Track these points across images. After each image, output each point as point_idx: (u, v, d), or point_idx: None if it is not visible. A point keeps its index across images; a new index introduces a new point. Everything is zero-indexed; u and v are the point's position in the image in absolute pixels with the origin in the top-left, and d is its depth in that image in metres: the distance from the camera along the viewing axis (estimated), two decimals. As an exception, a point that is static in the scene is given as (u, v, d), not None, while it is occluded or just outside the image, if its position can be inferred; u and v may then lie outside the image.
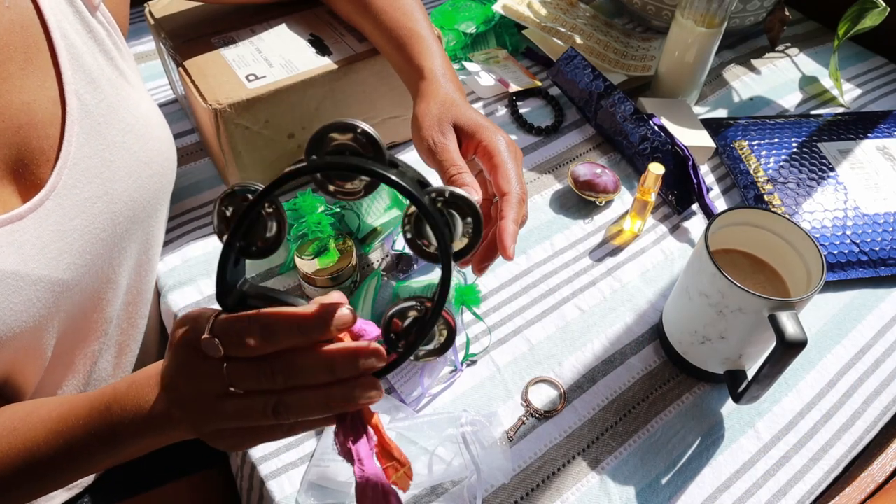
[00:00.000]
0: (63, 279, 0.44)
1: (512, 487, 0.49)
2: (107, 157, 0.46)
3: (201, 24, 0.64)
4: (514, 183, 0.47)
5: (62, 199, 0.43)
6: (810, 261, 0.49)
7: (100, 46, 0.47)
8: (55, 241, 0.43)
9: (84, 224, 0.45)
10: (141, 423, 0.37)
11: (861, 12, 0.78)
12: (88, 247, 0.45)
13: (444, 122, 0.50)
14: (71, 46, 0.44)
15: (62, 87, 0.44)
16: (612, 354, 0.57)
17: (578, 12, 0.90)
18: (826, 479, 0.51)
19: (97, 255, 0.47)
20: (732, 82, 0.86)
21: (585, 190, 0.68)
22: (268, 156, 0.63)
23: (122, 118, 0.48)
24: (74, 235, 0.44)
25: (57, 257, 0.43)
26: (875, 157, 0.71)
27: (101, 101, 0.46)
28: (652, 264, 0.64)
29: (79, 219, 0.44)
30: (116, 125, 0.47)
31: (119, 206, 0.47)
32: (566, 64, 0.77)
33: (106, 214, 0.46)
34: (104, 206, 0.46)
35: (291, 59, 0.61)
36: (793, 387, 0.56)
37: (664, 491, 0.50)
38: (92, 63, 0.46)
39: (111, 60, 0.48)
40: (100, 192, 0.46)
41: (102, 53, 0.47)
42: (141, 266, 0.54)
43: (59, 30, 0.44)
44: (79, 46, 0.45)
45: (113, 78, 0.48)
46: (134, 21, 0.89)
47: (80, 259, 0.45)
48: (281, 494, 0.48)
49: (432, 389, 0.54)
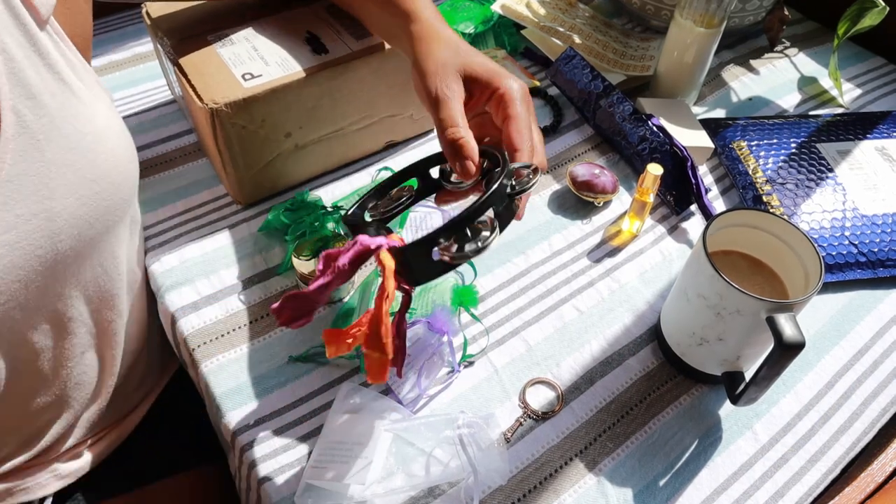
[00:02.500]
0: None
1: (509, 489, 0.49)
2: (45, 174, 0.44)
3: (198, 23, 0.64)
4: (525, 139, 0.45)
5: None
6: (808, 262, 0.49)
7: (44, 60, 0.45)
8: None
9: (14, 239, 0.43)
10: None
11: (860, 12, 0.78)
12: (21, 262, 0.44)
13: (449, 68, 0.47)
14: (10, 60, 0.42)
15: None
16: (610, 356, 0.57)
17: (577, 12, 0.90)
18: (824, 480, 0.51)
19: (34, 272, 0.45)
20: (731, 82, 0.86)
21: (584, 191, 0.68)
22: (265, 155, 0.63)
23: (65, 134, 0.46)
24: (2, 251, 0.43)
25: None
26: (874, 158, 0.71)
27: (41, 116, 0.44)
28: (650, 265, 0.64)
29: (8, 234, 0.43)
30: (58, 141, 0.45)
31: (59, 223, 0.46)
32: (565, 64, 0.76)
33: (42, 232, 0.45)
34: (40, 223, 0.44)
35: (288, 58, 0.61)
36: (791, 388, 0.56)
37: (662, 492, 0.50)
38: (34, 77, 0.44)
39: (57, 75, 0.46)
40: (35, 210, 0.44)
41: (47, 68, 0.45)
42: (103, 279, 0.53)
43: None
44: (20, 61, 0.43)
45: (58, 92, 0.46)
46: (132, 22, 0.89)
47: (9, 274, 0.44)
48: (278, 496, 0.48)
49: (429, 391, 0.54)
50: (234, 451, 0.52)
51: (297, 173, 0.67)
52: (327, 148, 0.67)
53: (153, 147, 0.72)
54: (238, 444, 0.51)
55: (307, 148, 0.65)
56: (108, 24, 0.89)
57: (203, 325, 0.57)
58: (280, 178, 0.67)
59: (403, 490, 0.48)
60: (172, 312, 0.58)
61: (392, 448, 0.51)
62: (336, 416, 0.52)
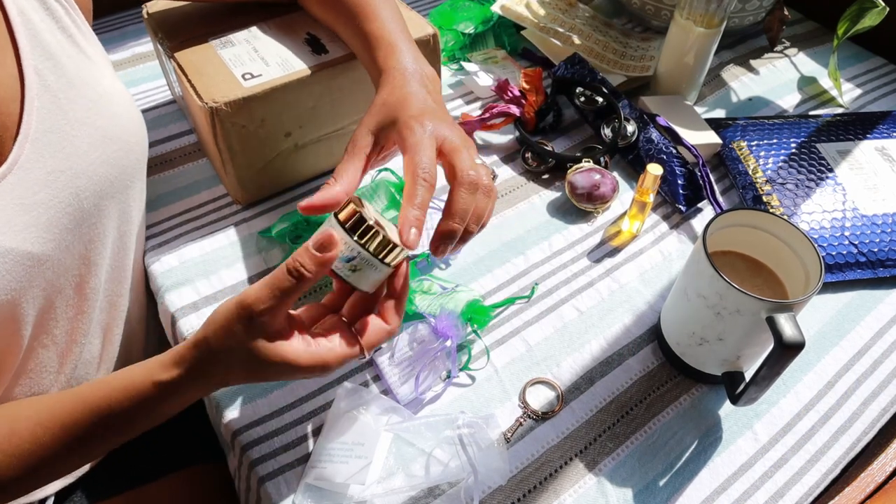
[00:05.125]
0: (33, 252, 0.44)
1: (509, 489, 0.49)
2: (68, 131, 0.46)
3: (198, 24, 0.64)
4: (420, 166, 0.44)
5: (25, 173, 0.43)
6: (808, 262, 0.49)
7: (58, 24, 0.47)
8: (20, 214, 0.43)
9: (48, 198, 0.45)
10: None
11: (860, 12, 0.78)
12: (55, 220, 0.45)
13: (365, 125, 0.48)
14: (28, 22, 0.44)
15: (20, 64, 0.44)
16: (610, 356, 0.57)
17: (577, 12, 0.90)
18: (824, 480, 0.51)
19: (65, 230, 0.47)
20: (731, 82, 0.86)
21: (584, 202, 0.67)
22: (264, 155, 0.63)
23: (83, 94, 0.48)
24: (40, 209, 0.44)
25: (23, 230, 0.43)
26: (874, 158, 0.71)
27: (60, 76, 0.46)
28: (650, 265, 0.64)
29: (42, 192, 0.44)
30: (78, 101, 0.47)
31: (83, 180, 0.47)
32: (567, 68, 0.77)
33: (70, 189, 0.46)
34: (67, 181, 0.46)
35: (288, 58, 0.61)
36: (791, 388, 0.56)
37: (662, 492, 0.50)
38: (50, 39, 0.46)
39: (70, 37, 0.48)
40: (62, 167, 0.46)
41: (61, 30, 0.47)
42: (118, 244, 0.55)
43: (14, 6, 0.44)
44: (36, 23, 0.45)
45: (73, 54, 0.48)
46: (133, 22, 0.89)
47: (47, 233, 0.45)
48: (278, 496, 0.48)
49: (429, 392, 0.54)
50: (234, 451, 0.52)
51: (297, 173, 0.67)
52: (327, 147, 0.67)
53: (153, 147, 0.71)
54: (238, 444, 0.51)
55: (307, 147, 0.65)
56: (108, 23, 0.89)
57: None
58: (280, 178, 0.67)
59: (403, 490, 0.48)
60: (172, 313, 0.58)
61: (392, 448, 0.51)
62: (336, 416, 0.52)
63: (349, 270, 0.42)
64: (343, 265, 0.42)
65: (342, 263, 0.42)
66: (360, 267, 0.42)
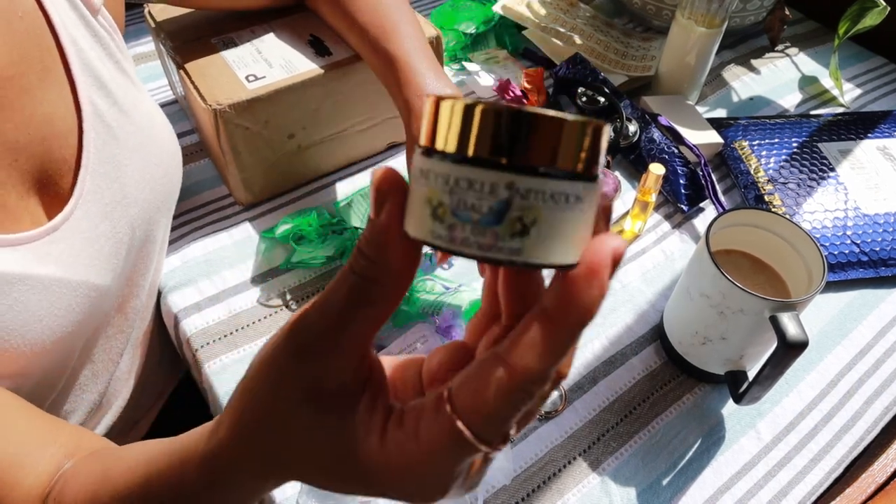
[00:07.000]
0: (98, 284, 0.45)
1: (513, 488, 0.49)
2: (121, 160, 0.46)
3: (201, 26, 0.64)
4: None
5: (88, 205, 0.44)
6: (811, 261, 0.49)
7: (105, 50, 0.47)
8: (86, 247, 0.43)
9: (108, 230, 0.45)
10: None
11: (861, 12, 0.78)
12: (115, 251, 0.46)
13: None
14: (80, 52, 0.44)
15: (76, 94, 0.44)
16: (613, 355, 0.57)
17: (578, 12, 0.90)
18: (827, 479, 0.51)
19: (122, 259, 0.47)
20: (732, 82, 0.86)
21: None
22: (268, 156, 0.63)
23: (133, 121, 0.48)
24: (101, 241, 0.45)
25: (90, 264, 0.44)
26: (875, 158, 0.71)
27: (111, 105, 0.46)
28: (653, 264, 0.64)
29: (104, 224, 0.45)
30: (127, 128, 0.47)
31: (135, 209, 0.48)
32: (569, 68, 0.77)
33: (125, 218, 0.47)
34: (123, 211, 0.47)
35: (291, 60, 0.61)
36: (793, 387, 0.56)
37: (665, 492, 0.50)
38: (100, 67, 0.46)
39: (117, 63, 0.48)
40: (118, 197, 0.46)
41: (108, 57, 0.47)
42: (156, 266, 0.55)
43: (67, 36, 0.43)
44: (87, 51, 0.45)
45: (120, 81, 0.48)
46: (133, 22, 0.89)
47: (108, 264, 0.45)
48: (280, 496, 0.48)
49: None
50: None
51: (301, 174, 0.68)
52: (330, 149, 0.67)
53: (156, 148, 0.72)
54: (242, 445, 0.51)
55: (310, 149, 0.65)
56: (110, 25, 0.89)
57: (206, 325, 0.57)
58: (283, 180, 0.67)
59: (407, 490, 0.49)
60: (175, 313, 0.58)
61: (396, 448, 0.51)
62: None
63: (508, 236, 0.19)
64: (480, 232, 0.19)
65: (473, 229, 0.19)
66: (531, 214, 0.19)
